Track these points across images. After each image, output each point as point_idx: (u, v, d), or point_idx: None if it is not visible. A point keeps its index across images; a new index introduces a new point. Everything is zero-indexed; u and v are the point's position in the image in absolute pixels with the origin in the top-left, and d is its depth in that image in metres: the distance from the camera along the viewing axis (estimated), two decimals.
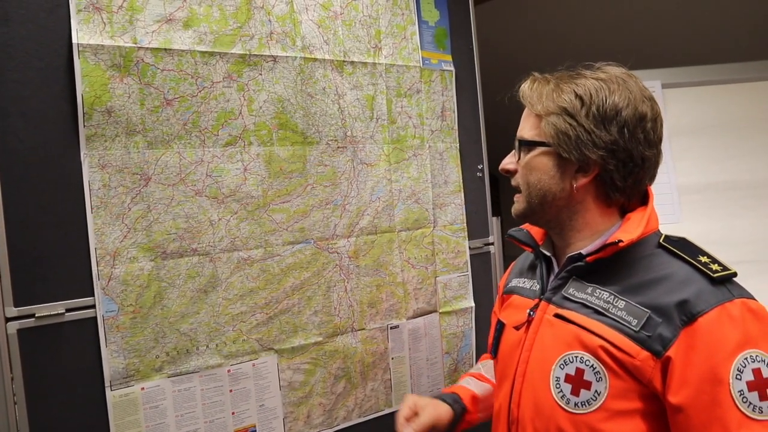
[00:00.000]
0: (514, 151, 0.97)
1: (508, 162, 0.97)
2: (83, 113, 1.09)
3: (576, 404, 0.83)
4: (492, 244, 1.74)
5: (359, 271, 1.44)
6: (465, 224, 1.66)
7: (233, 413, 1.25)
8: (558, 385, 0.86)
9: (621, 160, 0.86)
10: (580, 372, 0.83)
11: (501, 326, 1.05)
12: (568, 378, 0.85)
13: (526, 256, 1.14)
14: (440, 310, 1.60)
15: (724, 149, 2.02)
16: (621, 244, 0.84)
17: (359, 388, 1.44)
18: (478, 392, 1.17)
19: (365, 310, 1.45)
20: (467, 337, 1.65)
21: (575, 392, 0.83)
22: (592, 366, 0.82)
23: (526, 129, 0.93)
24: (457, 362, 1.63)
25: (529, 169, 0.92)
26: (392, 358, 1.50)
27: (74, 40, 1.08)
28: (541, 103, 0.90)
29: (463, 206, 1.66)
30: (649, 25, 2.72)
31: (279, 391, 1.31)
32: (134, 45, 1.13)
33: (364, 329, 1.44)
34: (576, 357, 0.85)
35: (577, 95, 0.86)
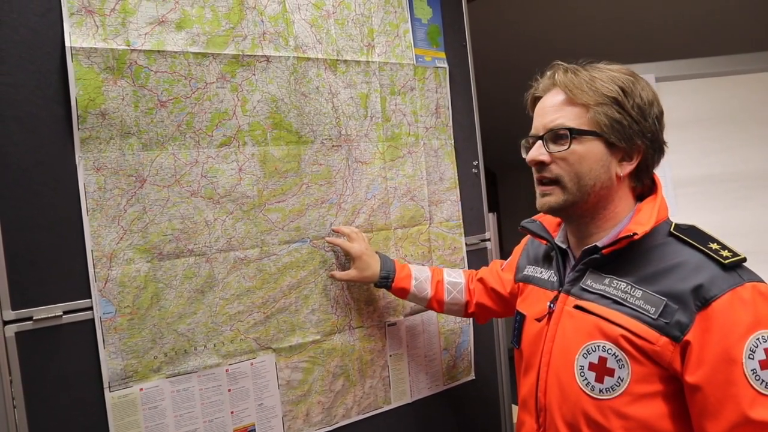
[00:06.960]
0: (539, 142, 0.94)
1: (540, 153, 0.93)
2: (77, 116, 1.09)
3: (601, 390, 0.87)
4: (488, 240, 1.74)
5: None
6: (461, 221, 1.66)
7: (232, 412, 1.25)
8: (582, 374, 0.89)
9: (656, 148, 0.93)
10: (603, 360, 0.87)
11: (522, 318, 1.08)
12: (591, 366, 0.88)
13: (539, 242, 1.15)
14: None
15: (718, 141, 2.02)
16: (635, 237, 0.87)
17: (358, 385, 1.44)
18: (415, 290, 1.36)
19: (362, 307, 1.45)
20: (465, 333, 1.65)
21: (599, 379, 0.87)
22: (614, 354, 0.86)
23: (568, 118, 0.91)
24: (456, 358, 1.63)
25: (578, 158, 0.90)
26: (390, 356, 1.50)
27: (67, 44, 1.08)
28: (585, 93, 0.89)
29: (459, 203, 1.66)
30: (642, 19, 2.72)
31: (277, 389, 1.31)
32: (127, 47, 1.14)
33: (361, 327, 1.45)
34: (598, 346, 0.88)
35: (620, 87, 0.89)
